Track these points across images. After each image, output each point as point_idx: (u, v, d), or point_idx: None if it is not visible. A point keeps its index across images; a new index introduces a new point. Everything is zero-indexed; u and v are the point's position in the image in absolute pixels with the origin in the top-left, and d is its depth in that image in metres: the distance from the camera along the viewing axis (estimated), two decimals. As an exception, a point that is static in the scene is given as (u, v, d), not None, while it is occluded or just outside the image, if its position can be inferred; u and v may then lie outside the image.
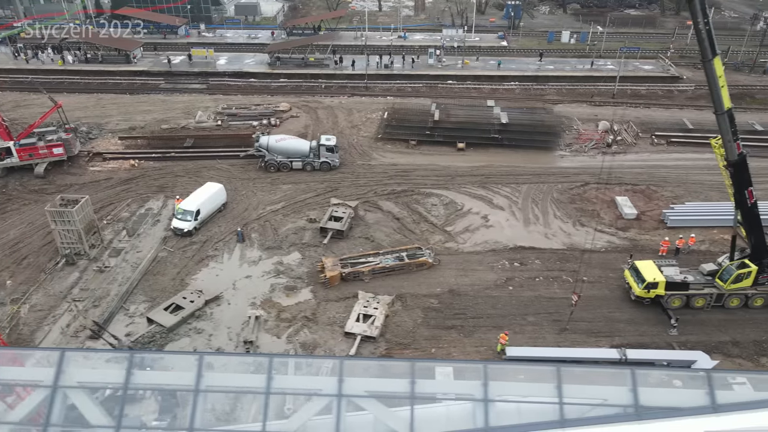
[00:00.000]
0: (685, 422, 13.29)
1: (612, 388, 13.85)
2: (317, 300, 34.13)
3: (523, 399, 13.91)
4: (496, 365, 14.08)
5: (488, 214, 43.24)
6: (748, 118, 59.09)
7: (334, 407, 13.55)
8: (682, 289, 32.61)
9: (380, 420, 13.68)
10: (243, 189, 46.43)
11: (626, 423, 13.43)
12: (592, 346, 30.90)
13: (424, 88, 68.51)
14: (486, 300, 34.21)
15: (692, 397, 13.54)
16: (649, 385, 13.82)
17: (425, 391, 13.87)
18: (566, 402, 13.59)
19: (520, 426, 13.48)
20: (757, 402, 13.42)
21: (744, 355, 30.18)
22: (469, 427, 13.46)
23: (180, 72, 71.98)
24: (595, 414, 13.54)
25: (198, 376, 13.83)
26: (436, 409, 14.16)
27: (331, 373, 13.93)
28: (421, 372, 14.10)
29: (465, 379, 14.12)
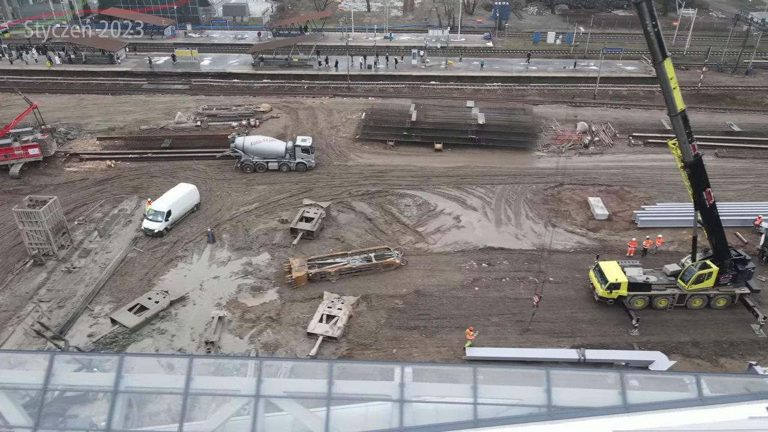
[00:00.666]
0: (596, 422, 13.42)
1: (527, 389, 13.97)
2: (283, 301, 34.24)
3: (439, 399, 14.04)
4: (414, 366, 14.16)
5: (461, 215, 43.38)
6: (726, 119, 59.41)
7: (251, 408, 13.69)
8: (645, 290, 32.74)
9: (297, 420, 13.82)
10: (218, 190, 46.54)
11: (538, 423, 13.56)
12: (553, 346, 31.06)
13: (406, 89, 68.66)
14: (451, 301, 34.34)
15: (605, 397, 13.67)
16: (564, 386, 13.94)
17: (343, 392, 13.99)
18: (481, 402, 13.71)
19: (434, 426, 13.60)
20: (667, 402, 13.56)
21: (703, 356, 30.33)
22: (385, 428, 13.59)
23: (163, 72, 72.06)
24: (509, 414, 13.68)
25: (118, 377, 13.96)
26: (355, 409, 14.28)
27: (250, 373, 14.06)
28: (339, 373, 14.25)
29: (384, 380, 14.25)
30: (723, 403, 13.56)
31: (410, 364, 15.60)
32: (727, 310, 33.24)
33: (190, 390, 13.79)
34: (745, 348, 30.72)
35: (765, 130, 56.08)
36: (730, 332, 31.82)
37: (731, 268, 32.28)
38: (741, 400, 13.55)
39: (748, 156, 51.63)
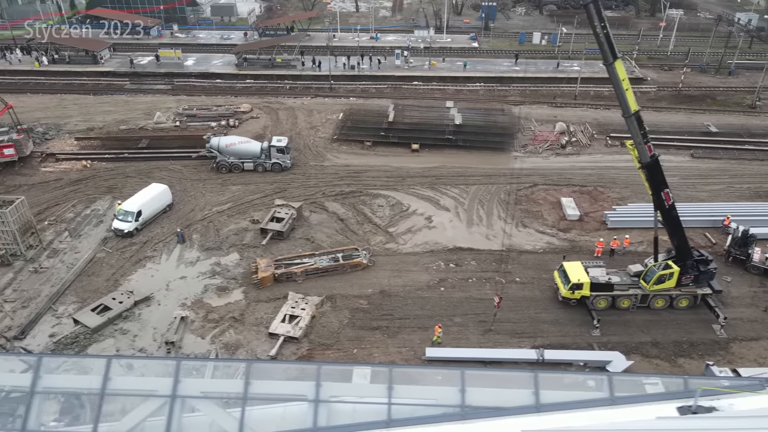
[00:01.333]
0: (507, 421, 13.49)
1: (442, 389, 14.04)
2: (247, 301, 34.30)
3: (355, 399, 14.12)
4: (330, 366, 14.24)
5: (433, 215, 43.45)
6: (705, 120, 59.49)
7: (167, 408, 13.76)
8: (607, 290, 32.83)
9: (213, 421, 13.88)
10: (192, 190, 46.58)
11: (451, 423, 13.63)
12: (514, 346, 31.14)
13: (388, 89, 68.72)
14: (416, 301, 34.41)
15: (518, 397, 13.76)
16: (478, 386, 14.03)
17: (260, 392, 14.06)
18: (395, 402, 13.79)
19: (348, 426, 13.67)
20: (578, 402, 13.65)
21: (662, 356, 30.42)
22: (299, 428, 13.66)
23: (146, 73, 72.10)
24: (423, 414, 13.75)
25: (35, 377, 14.03)
26: (273, 409, 14.34)
27: (168, 374, 14.12)
28: (257, 373, 14.32)
29: (301, 380, 14.31)
30: (633, 403, 13.65)
31: (328, 364, 15.66)
32: (689, 311, 33.33)
33: (107, 390, 13.87)
34: (705, 348, 30.81)
35: (742, 130, 56.26)
36: (692, 332, 31.91)
37: (693, 268, 32.39)
38: (652, 400, 13.64)
39: (724, 156, 51.74)
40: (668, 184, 31.42)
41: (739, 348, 30.85)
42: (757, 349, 30.75)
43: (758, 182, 47.68)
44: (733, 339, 31.42)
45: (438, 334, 31.24)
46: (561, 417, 13.49)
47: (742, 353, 30.54)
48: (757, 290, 34.83)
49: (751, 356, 30.33)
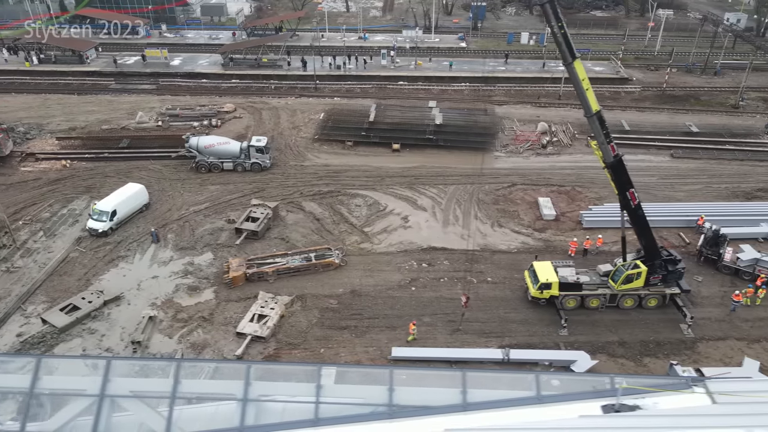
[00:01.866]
0: (433, 420, 13.52)
1: (371, 388, 14.06)
2: (218, 300, 34.33)
3: (283, 398, 14.15)
4: (260, 365, 14.26)
5: (409, 215, 43.48)
6: (688, 120, 59.51)
7: (95, 407, 13.78)
8: (576, 290, 32.87)
9: (140, 420, 13.91)
10: (170, 189, 46.60)
11: (378, 422, 13.66)
12: (481, 346, 31.18)
13: (373, 89, 68.74)
14: (386, 300, 34.44)
15: (445, 396, 13.78)
16: (407, 385, 14.08)
17: (189, 391, 14.10)
18: (323, 401, 13.82)
19: (275, 425, 13.68)
20: (505, 400, 13.68)
21: (628, 355, 30.46)
22: (226, 427, 13.69)
23: (132, 72, 72.10)
24: (350, 413, 13.78)
25: (-38, 376, 14.09)
26: (204, 408, 14.37)
27: (98, 372, 14.14)
28: (187, 372, 14.35)
29: (231, 379, 14.34)
30: (559, 402, 13.69)
31: (258, 363, 15.66)
32: (658, 310, 33.37)
33: (35, 390, 13.90)
34: (671, 348, 30.85)
35: (724, 130, 56.30)
36: (659, 332, 31.96)
37: (661, 268, 32.44)
38: (578, 398, 13.67)
39: (704, 156, 51.77)
40: (633, 183, 31.41)
41: (705, 348, 30.90)
42: (724, 348, 30.79)
43: (736, 182, 47.74)
44: (700, 339, 31.48)
45: (412, 332, 31.36)
46: (487, 416, 13.52)
47: (708, 353, 30.59)
48: (728, 290, 34.81)
49: (717, 356, 30.38)
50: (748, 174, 49.07)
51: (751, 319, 32.73)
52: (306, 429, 13.53)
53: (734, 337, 31.48)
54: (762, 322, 32.51)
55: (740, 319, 32.72)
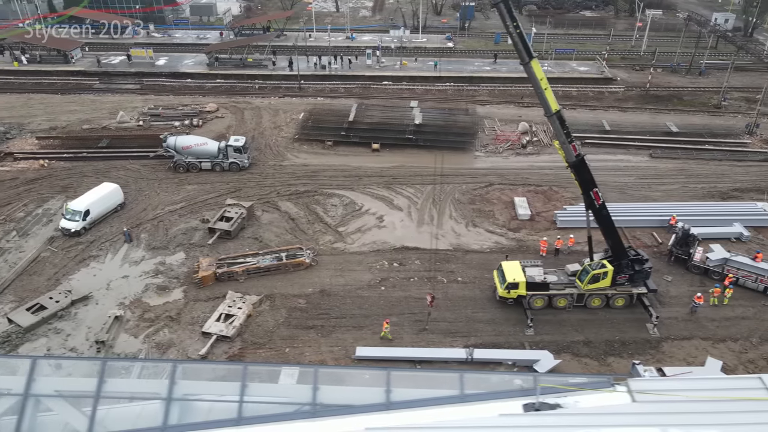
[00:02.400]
0: (355, 419, 13.52)
1: (296, 386, 14.08)
2: (186, 300, 34.31)
3: (208, 398, 14.15)
4: (187, 365, 14.27)
5: (385, 215, 43.48)
6: (669, 120, 59.52)
7: (19, 407, 13.77)
8: (543, 290, 32.89)
9: (65, 420, 13.90)
10: (147, 189, 46.57)
11: (300, 420, 13.67)
12: (447, 346, 31.18)
13: (357, 89, 68.75)
14: (354, 300, 34.44)
15: (369, 395, 13.79)
16: (331, 384, 14.08)
17: (114, 390, 14.09)
18: (247, 401, 13.82)
19: (198, 424, 13.68)
20: (428, 399, 13.68)
21: (592, 355, 30.47)
22: (149, 426, 13.69)
23: (116, 72, 72.09)
24: (273, 412, 13.79)
25: None
26: (131, 408, 14.36)
27: (24, 372, 14.13)
28: (113, 371, 14.36)
29: (155, 379, 14.34)
30: (482, 400, 13.70)
31: (186, 362, 15.69)
32: (626, 310, 33.38)
33: (-42, 389, 13.90)
34: (635, 347, 30.87)
35: (704, 130, 56.31)
36: (625, 332, 31.97)
37: (628, 267, 32.46)
38: (500, 397, 13.66)
39: (682, 156, 51.81)
40: (597, 183, 31.46)
41: (670, 347, 30.92)
42: (688, 348, 30.81)
43: (713, 182, 47.77)
44: (666, 338, 31.50)
45: (385, 330, 31.40)
46: (409, 414, 13.52)
47: (672, 352, 30.62)
48: (696, 290, 34.77)
49: (681, 355, 30.40)
50: (726, 174, 49.12)
51: (718, 318, 32.76)
52: (228, 428, 13.53)
53: (700, 337, 31.50)
54: (728, 321, 32.55)
55: (707, 318, 32.75)
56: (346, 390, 13.94)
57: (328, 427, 13.44)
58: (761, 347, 30.73)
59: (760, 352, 30.43)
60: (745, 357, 30.15)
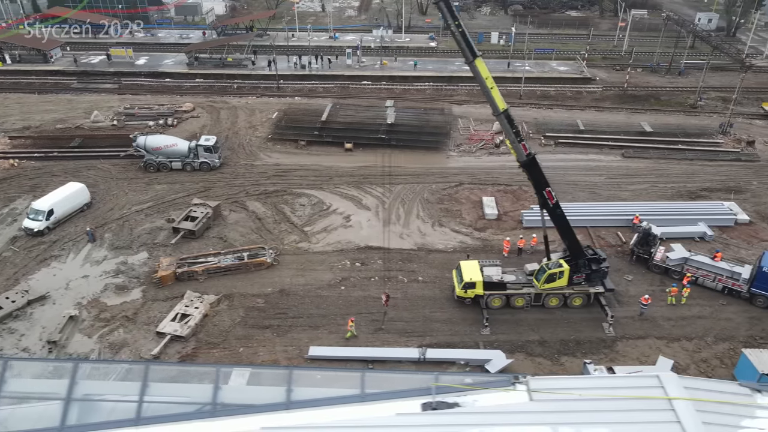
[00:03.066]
0: (254, 419, 13.44)
1: (198, 386, 14.02)
2: (144, 300, 34.22)
3: (109, 398, 14.08)
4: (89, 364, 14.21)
5: (352, 215, 43.42)
6: (644, 119, 59.52)
7: None
8: (500, 289, 32.85)
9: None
10: (116, 189, 46.45)
11: (199, 420, 13.57)
12: (402, 345, 31.11)
13: (336, 89, 68.67)
14: (313, 300, 34.38)
15: (271, 394, 13.72)
16: (233, 383, 14.03)
17: (14, 390, 13.98)
18: (147, 400, 13.74)
19: (95, 425, 13.58)
20: (329, 398, 13.62)
21: (546, 354, 30.44)
22: (47, 426, 13.60)
23: (95, 72, 71.92)
24: (173, 412, 13.71)
25: None
26: (31, 408, 14.23)
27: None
28: (15, 371, 14.27)
29: (57, 379, 14.25)
30: (382, 400, 13.64)
31: (87, 362, 15.60)
32: (583, 309, 33.37)
33: None
34: (590, 346, 30.86)
35: (678, 130, 56.36)
36: (581, 331, 31.96)
37: (585, 267, 32.44)
38: (400, 396, 13.59)
39: (654, 156, 51.84)
40: (549, 182, 31.42)
41: (624, 346, 30.93)
42: (642, 347, 30.82)
43: (683, 182, 47.81)
44: (621, 337, 31.50)
45: (350, 329, 31.38)
46: (308, 414, 13.46)
47: (626, 351, 30.61)
48: (656, 289, 34.88)
49: (635, 354, 30.41)
50: (696, 173, 49.16)
51: (674, 318, 32.77)
52: (127, 428, 13.44)
53: (654, 336, 31.50)
54: (684, 321, 32.56)
55: (663, 318, 32.76)
56: (248, 389, 13.88)
57: (225, 426, 13.35)
58: (715, 346, 30.76)
59: (714, 351, 30.47)
60: (698, 356, 30.19)
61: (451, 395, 13.34)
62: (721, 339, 31.23)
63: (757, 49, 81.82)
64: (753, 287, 32.91)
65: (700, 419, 12.11)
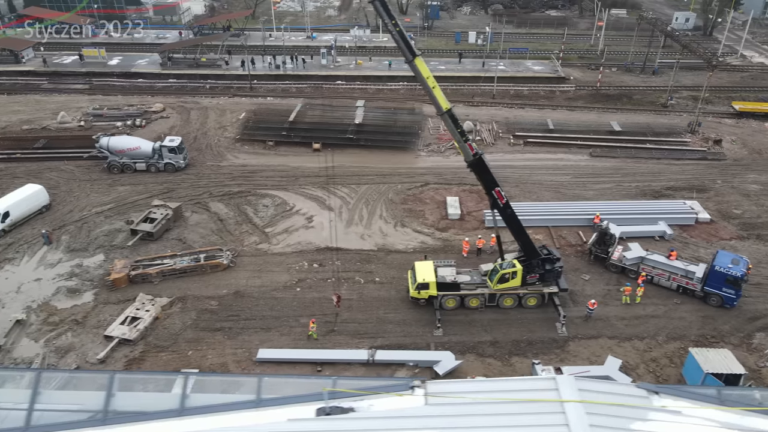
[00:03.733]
0: (147, 426, 13.16)
1: (91, 393, 13.72)
2: (96, 303, 33.77)
3: (1, 405, 13.80)
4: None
5: (315, 215, 43.13)
6: (613, 119, 59.45)
7: None
8: (454, 290, 32.68)
9: None
10: (78, 190, 45.94)
11: (89, 428, 13.28)
12: (353, 347, 30.85)
13: (309, 89, 68.33)
14: (267, 302, 34.07)
15: (166, 400, 13.45)
16: (128, 390, 13.76)
17: None
18: (38, 408, 13.44)
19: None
20: (225, 405, 13.36)
21: (496, 355, 30.28)
22: None
23: (67, 72, 71.26)
24: (62, 420, 13.41)
25: None
26: None
27: None
28: None
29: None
30: (277, 405, 13.39)
31: None
32: (538, 310, 33.24)
33: None
34: (541, 346, 30.74)
35: (647, 129, 56.41)
36: (534, 331, 31.83)
37: (538, 267, 32.32)
38: (295, 401, 13.33)
39: (621, 155, 51.86)
40: (498, 182, 31.17)
41: (576, 346, 30.83)
42: (594, 347, 30.73)
43: (648, 181, 47.85)
44: (573, 337, 31.40)
45: (311, 329, 31.11)
46: (202, 420, 13.18)
47: (577, 351, 30.52)
48: (612, 288, 34.84)
49: (586, 354, 30.31)
50: (662, 172, 49.22)
51: (628, 317, 32.72)
52: (16, 437, 13.16)
53: (607, 336, 31.42)
54: (637, 320, 32.51)
55: (617, 317, 32.70)
56: (142, 396, 13.61)
57: (119, 433, 13.10)
58: (666, 345, 30.73)
59: (664, 350, 30.42)
60: (648, 356, 30.14)
61: (347, 400, 13.13)
62: (673, 338, 31.20)
63: (732, 48, 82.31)
64: (706, 286, 32.91)
65: (588, 422, 11.95)
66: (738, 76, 73.28)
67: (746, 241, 39.79)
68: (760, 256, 38.05)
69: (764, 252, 38.63)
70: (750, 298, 33.95)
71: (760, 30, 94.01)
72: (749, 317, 32.67)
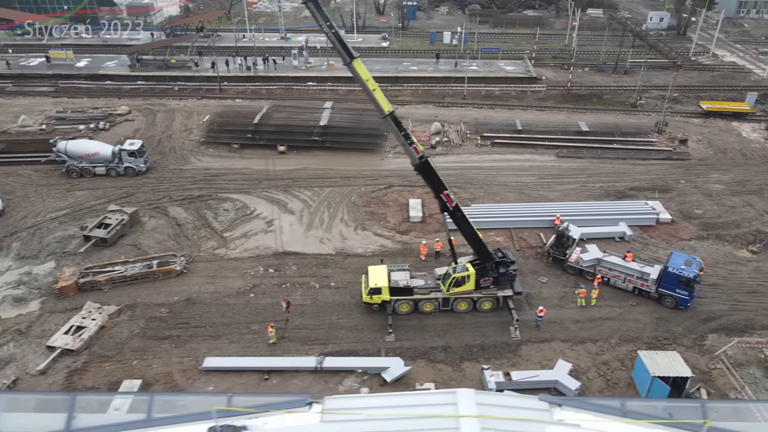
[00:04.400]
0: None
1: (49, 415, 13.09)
2: (41, 312, 32.93)
3: None
4: None
5: (274, 219, 42.57)
6: (582, 119, 59.38)
7: None
8: (407, 294, 32.25)
9: None
10: (34, 196, 44.95)
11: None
12: (303, 354, 30.32)
13: (280, 91, 67.66)
14: (219, 308, 33.42)
15: (51, 421, 12.71)
16: (15, 410, 13.05)
17: None
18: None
19: None
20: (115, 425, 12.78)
21: (447, 360, 29.86)
22: None
23: (32, 74, 69.98)
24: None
25: None
26: None
27: None
28: None
29: None
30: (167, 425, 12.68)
31: None
32: (493, 313, 32.89)
33: None
34: (494, 351, 30.39)
35: (615, 129, 56.39)
36: (487, 335, 31.48)
37: (492, 270, 32.00)
38: (187, 420, 12.75)
39: (587, 156, 51.78)
40: (446, 185, 30.90)
41: (528, 350, 30.53)
42: (546, 350, 30.43)
43: (613, 181, 47.76)
44: (527, 341, 31.08)
45: (270, 334, 30.58)
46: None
47: (529, 355, 30.21)
48: (568, 291, 34.61)
49: (538, 358, 30.02)
50: (627, 173, 49.17)
51: (582, 320, 32.49)
52: None
53: (560, 339, 31.15)
54: (592, 323, 32.28)
55: (571, 320, 32.45)
56: (29, 417, 12.96)
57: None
58: (618, 348, 30.51)
59: (616, 353, 30.19)
60: (600, 359, 29.90)
61: (240, 418, 12.61)
62: (626, 340, 30.99)
63: (705, 47, 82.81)
64: (660, 287, 32.77)
65: (481, 438, 11.55)
66: (708, 75, 73.59)
67: (705, 242, 39.79)
68: (718, 257, 38.08)
69: (722, 252, 38.68)
70: (705, 299, 33.90)
71: (733, 29, 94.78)
72: (703, 318, 32.59)
